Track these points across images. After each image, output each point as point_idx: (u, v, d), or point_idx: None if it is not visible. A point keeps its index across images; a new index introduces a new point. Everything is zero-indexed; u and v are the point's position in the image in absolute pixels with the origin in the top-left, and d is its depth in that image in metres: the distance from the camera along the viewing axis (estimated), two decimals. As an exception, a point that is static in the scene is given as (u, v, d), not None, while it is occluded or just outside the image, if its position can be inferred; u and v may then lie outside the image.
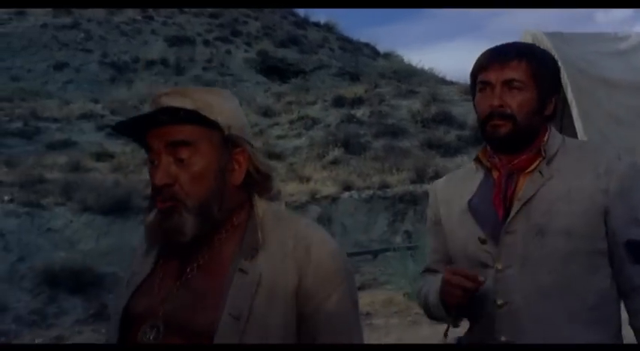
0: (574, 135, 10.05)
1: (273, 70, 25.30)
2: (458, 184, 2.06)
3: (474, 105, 1.97)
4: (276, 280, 1.55)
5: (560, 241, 1.82)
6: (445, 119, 17.40)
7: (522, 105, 1.89)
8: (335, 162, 15.71)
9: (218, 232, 1.60)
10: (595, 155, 1.89)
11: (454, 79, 26.03)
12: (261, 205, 1.64)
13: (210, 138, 1.57)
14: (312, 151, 16.32)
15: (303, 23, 28.46)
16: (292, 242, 1.59)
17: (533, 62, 1.90)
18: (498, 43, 2.01)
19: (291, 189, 13.67)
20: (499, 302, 1.87)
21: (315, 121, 17.85)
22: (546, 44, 10.26)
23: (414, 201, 13.62)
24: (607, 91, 9.76)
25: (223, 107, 1.61)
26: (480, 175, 2.01)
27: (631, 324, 1.87)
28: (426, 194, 14.04)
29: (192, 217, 1.56)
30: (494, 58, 1.93)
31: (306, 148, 16.58)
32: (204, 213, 1.57)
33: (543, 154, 1.91)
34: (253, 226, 1.61)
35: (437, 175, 14.39)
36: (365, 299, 9.54)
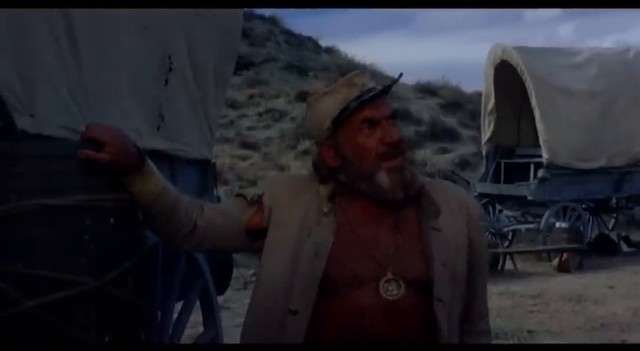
0: (533, 136, 11.77)
1: (226, 62, 26.15)
2: None
3: None
4: (456, 235, 1.85)
5: None
6: (404, 116, 18.99)
7: None
8: (306, 153, 17.00)
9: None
10: None
11: (393, 74, 27.57)
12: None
13: None
14: (284, 142, 17.57)
15: (250, 16, 29.45)
16: (456, 203, 1.90)
17: None
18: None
19: (272, 177, 14.97)
20: None
21: (282, 114, 19.10)
22: (515, 57, 12.04)
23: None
24: (565, 99, 11.65)
25: None
26: None
27: None
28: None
29: (411, 166, 1.85)
30: None
31: (277, 139, 17.79)
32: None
33: None
34: (424, 191, 1.86)
35: (403, 167, 15.97)
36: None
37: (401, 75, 1.87)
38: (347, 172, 1.82)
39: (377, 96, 1.79)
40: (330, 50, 30.08)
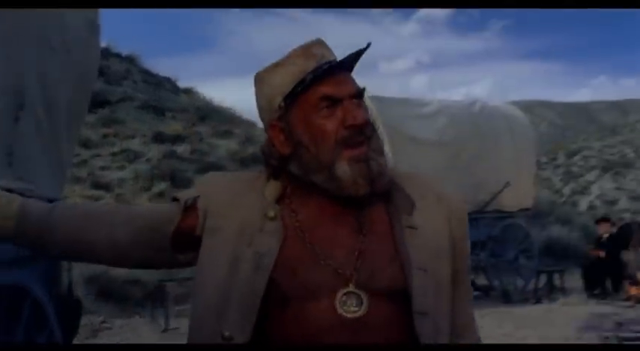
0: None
1: (79, 100, 25.39)
2: None
3: None
4: (436, 233, 1.55)
5: None
6: (260, 159, 19.07)
7: None
8: (161, 194, 16.72)
9: None
10: None
11: (250, 118, 27.78)
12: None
13: None
14: (137, 184, 17.20)
15: (107, 54, 28.84)
16: (435, 197, 1.60)
17: None
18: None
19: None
20: None
21: (137, 155, 18.72)
22: (369, 105, 12.46)
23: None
24: (414, 147, 12.11)
25: None
26: None
27: None
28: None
29: (381, 157, 1.51)
30: None
31: (131, 181, 17.39)
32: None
33: None
34: (395, 184, 1.56)
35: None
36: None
37: (369, 45, 1.51)
38: (300, 160, 1.49)
39: (337, 68, 1.50)
40: (188, 91, 29.94)
